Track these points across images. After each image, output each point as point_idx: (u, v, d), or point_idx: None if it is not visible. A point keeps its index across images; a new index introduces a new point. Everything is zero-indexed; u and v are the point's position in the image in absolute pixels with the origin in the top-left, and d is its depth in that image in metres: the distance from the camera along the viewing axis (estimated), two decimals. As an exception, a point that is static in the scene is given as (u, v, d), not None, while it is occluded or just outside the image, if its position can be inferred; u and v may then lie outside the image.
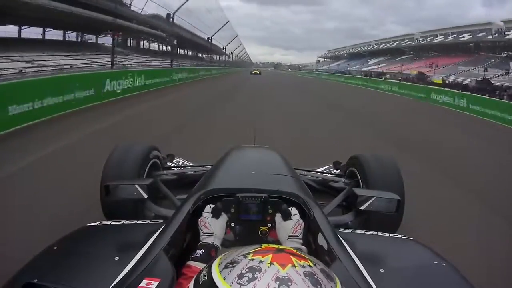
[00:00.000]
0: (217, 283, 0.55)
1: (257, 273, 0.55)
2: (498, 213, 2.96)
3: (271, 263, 0.57)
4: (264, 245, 0.66)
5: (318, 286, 0.55)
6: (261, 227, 1.25)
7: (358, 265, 0.98)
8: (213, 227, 1.14)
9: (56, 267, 0.92)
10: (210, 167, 1.95)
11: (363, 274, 0.94)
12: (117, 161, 1.95)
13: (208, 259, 0.98)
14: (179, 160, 2.88)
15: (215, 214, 1.19)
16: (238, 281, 0.55)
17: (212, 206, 1.21)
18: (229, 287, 0.54)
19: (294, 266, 0.57)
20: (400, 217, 1.81)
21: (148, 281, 0.83)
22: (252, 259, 0.59)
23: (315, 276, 0.56)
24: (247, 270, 0.56)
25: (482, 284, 1.21)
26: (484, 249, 2.28)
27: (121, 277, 0.87)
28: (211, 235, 1.13)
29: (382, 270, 0.97)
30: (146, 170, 2.01)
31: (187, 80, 17.77)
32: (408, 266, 1.03)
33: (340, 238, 1.11)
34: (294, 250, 0.66)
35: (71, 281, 0.86)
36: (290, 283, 0.53)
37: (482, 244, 2.34)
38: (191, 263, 0.99)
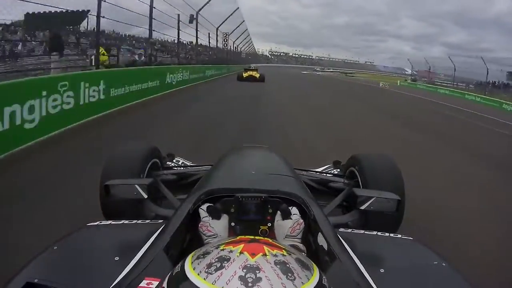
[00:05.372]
0: (187, 273, 0.56)
1: (225, 262, 0.55)
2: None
3: (241, 253, 0.57)
4: (239, 237, 0.65)
5: (289, 274, 0.54)
6: (261, 227, 1.25)
7: (358, 265, 0.98)
8: (216, 229, 1.14)
9: (56, 267, 0.92)
10: (210, 167, 1.95)
11: (363, 274, 0.94)
12: (117, 161, 1.95)
13: None
14: (179, 159, 2.88)
15: (215, 215, 1.19)
16: (206, 270, 0.55)
17: (209, 209, 1.21)
18: (197, 275, 0.54)
19: (265, 255, 0.57)
20: (400, 217, 1.81)
21: (148, 281, 0.83)
22: (223, 249, 0.59)
23: (287, 265, 0.56)
24: (216, 260, 0.56)
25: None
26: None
27: (121, 277, 0.87)
28: (215, 236, 1.13)
29: (382, 270, 0.97)
30: (146, 170, 2.01)
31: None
32: (408, 266, 1.03)
33: (340, 238, 1.11)
34: (270, 240, 0.65)
35: (71, 281, 0.86)
36: (258, 271, 0.53)
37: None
38: None
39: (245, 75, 19.55)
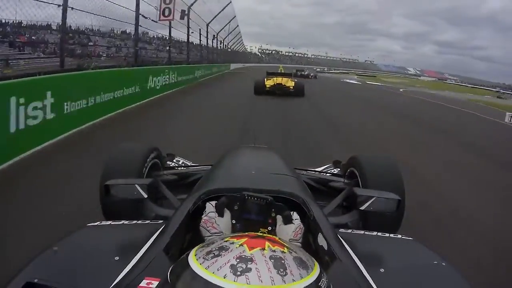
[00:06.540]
0: (189, 259, 0.59)
1: (223, 251, 0.58)
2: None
3: (241, 245, 0.59)
4: (248, 233, 0.67)
5: (281, 270, 0.55)
6: (261, 229, 1.25)
7: (358, 265, 0.98)
8: (221, 226, 1.14)
9: (56, 267, 0.92)
10: (210, 167, 1.96)
11: (363, 274, 0.93)
12: (118, 161, 1.95)
13: None
14: (179, 159, 2.89)
15: (220, 212, 1.19)
16: (204, 257, 0.58)
17: (217, 204, 1.21)
18: (196, 261, 0.57)
19: (263, 249, 0.58)
20: (401, 217, 1.81)
21: (148, 281, 0.83)
22: (226, 241, 0.61)
23: (282, 261, 0.56)
24: (217, 249, 0.59)
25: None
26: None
27: (121, 277, 0.87)
28: (220, 234, 1.12)
29: (382, 270, 0.97)
30: (147, 170, 2.01)
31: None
32: (408, 266, 1.03)
33: (340, 238, 1.11)
34: (276, 238, 0.66)
35: (71, 281, 0.86)
36: (250, 263, 0.54)
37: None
38: None
39: (268, 83, 11.65)
